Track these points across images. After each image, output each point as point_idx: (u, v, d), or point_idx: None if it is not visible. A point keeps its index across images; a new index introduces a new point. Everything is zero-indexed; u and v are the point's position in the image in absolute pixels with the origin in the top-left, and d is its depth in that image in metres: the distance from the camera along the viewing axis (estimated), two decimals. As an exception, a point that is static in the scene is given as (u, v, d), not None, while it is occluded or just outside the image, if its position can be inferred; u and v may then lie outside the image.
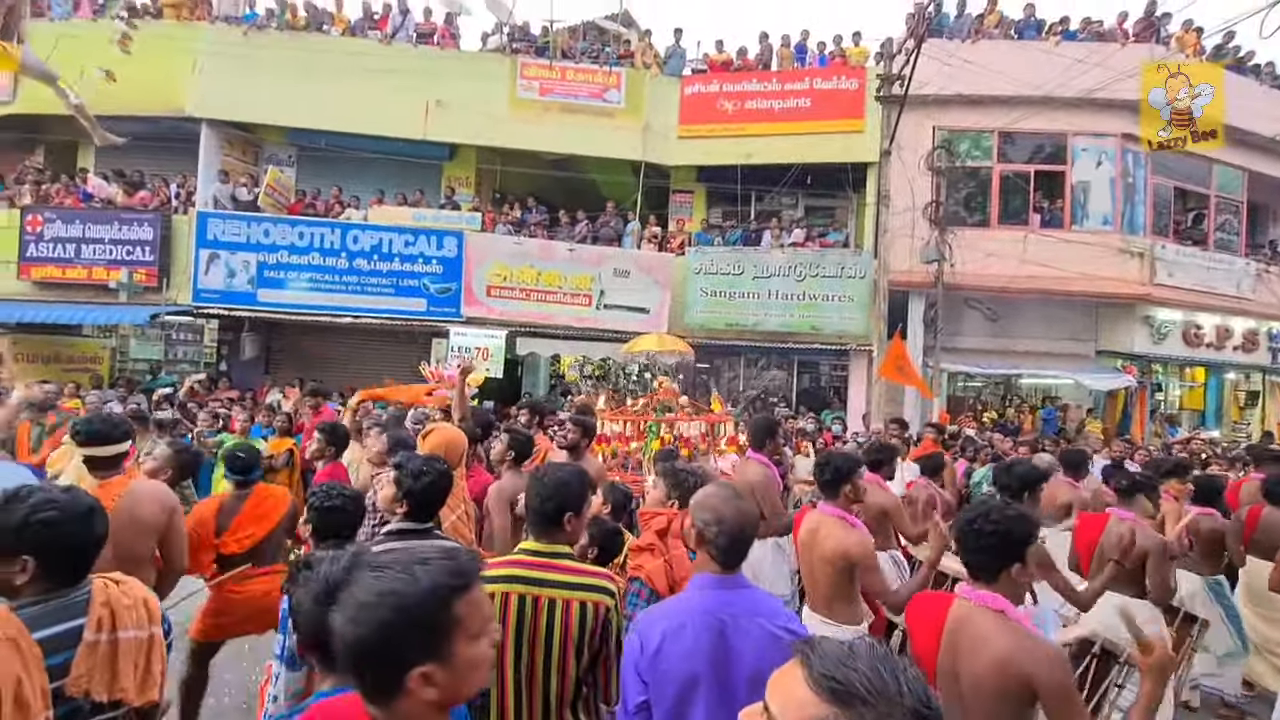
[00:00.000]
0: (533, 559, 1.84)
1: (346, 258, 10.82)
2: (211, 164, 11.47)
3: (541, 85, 11.68)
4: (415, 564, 1.02)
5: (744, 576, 1.68)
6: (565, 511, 1.87)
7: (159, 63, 11.01)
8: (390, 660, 0.97)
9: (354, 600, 0.99)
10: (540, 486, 1.89)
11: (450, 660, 0.99)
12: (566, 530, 1.88)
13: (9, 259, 10.71)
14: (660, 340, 8.44)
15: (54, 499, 1.58)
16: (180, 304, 10.81)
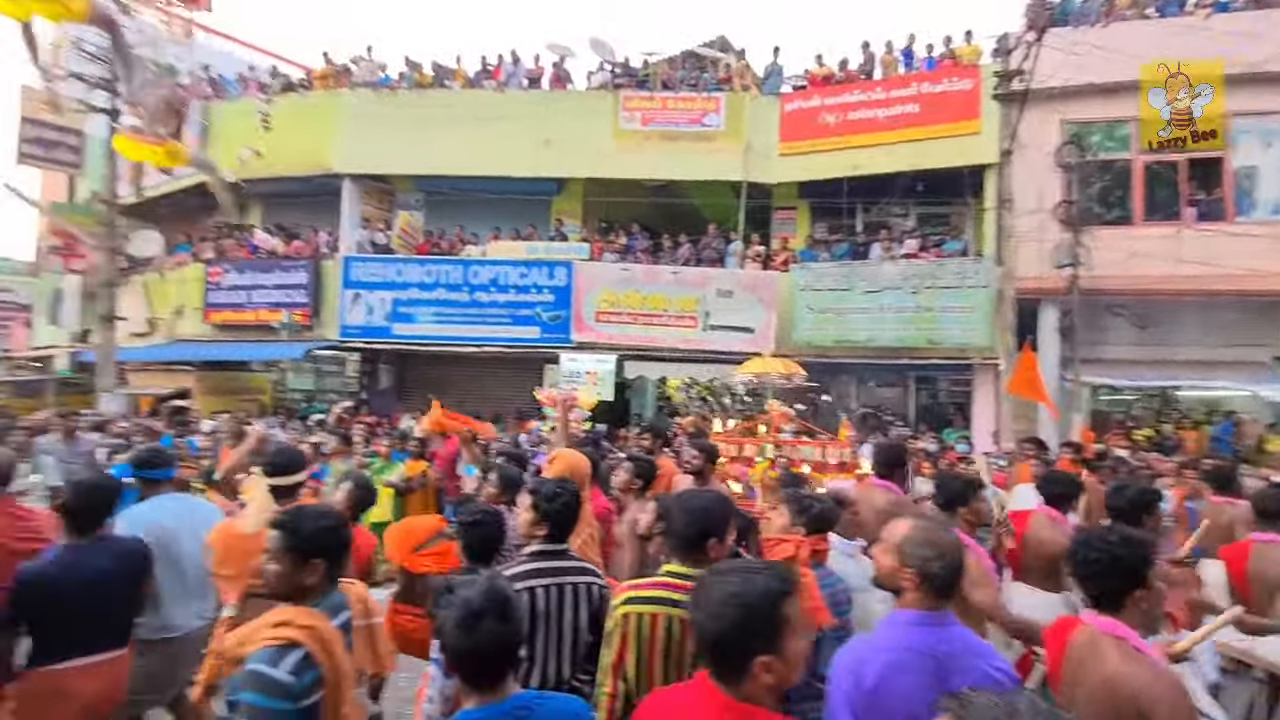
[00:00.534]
0: (678, 582, 1.83)
1: (468, 291, 11.67)
2: (353, 213, 12.83)
3: (643, 116, 12.08)
4: (752, 573, 1.29)
5: (952, 614, 1.64)
6: (709, 537, 1.87)
7: (309, 128, 12.58)
8: (738, 650, 1.24)
9: (710, 600, 1.26)
10: (683, 511, 1.91)
11: (783, 652, 1.23)
12: (710, 555, 1.87)
13: (197, 306, 12.51)
14: (771, 362, 8.31)
15: (325, 511, 1.92)
16: (329, 339, 12.10)
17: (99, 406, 9.94)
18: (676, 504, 1.99)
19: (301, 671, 1.61)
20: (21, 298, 19.48)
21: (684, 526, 1.90)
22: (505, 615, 1.39)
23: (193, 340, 12.77)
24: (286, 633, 1.64)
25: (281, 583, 1.73)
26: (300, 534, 1.74)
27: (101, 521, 2.67)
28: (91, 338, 12.70)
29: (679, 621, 1.79)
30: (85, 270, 13.78)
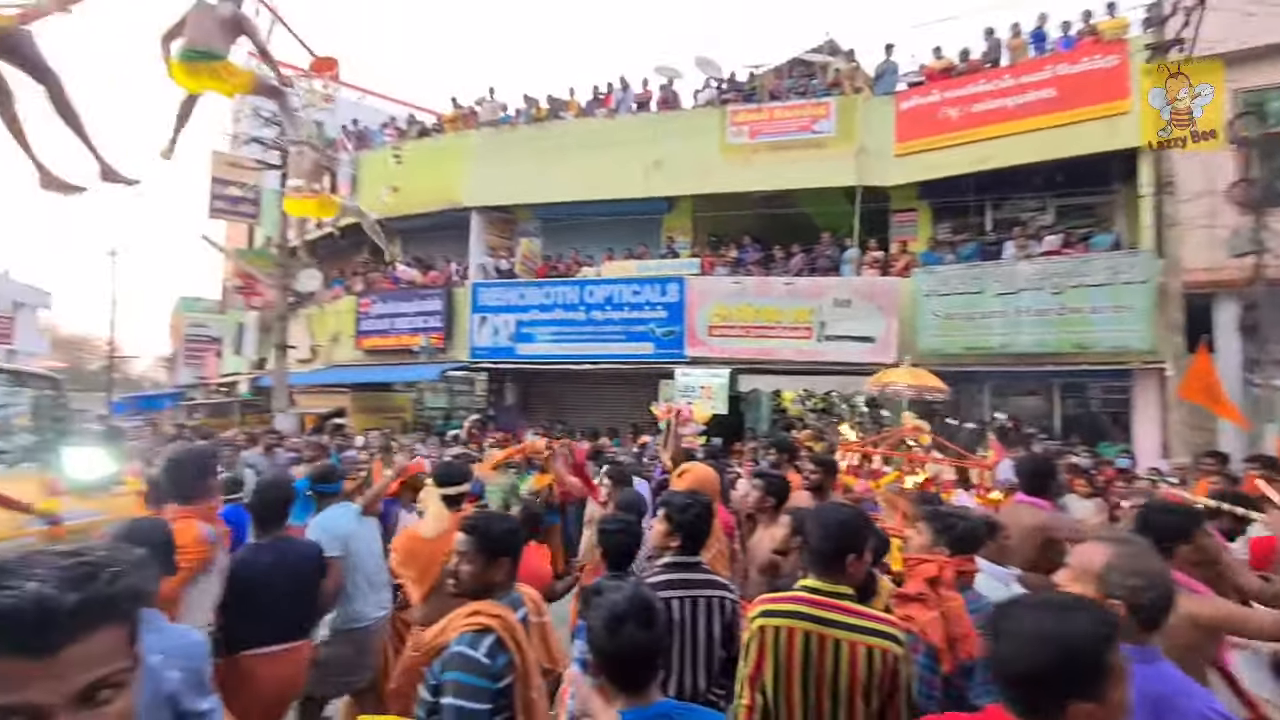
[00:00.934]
0: (815, 597, 1.83)
1: (584, 310, 12.16)
2: (480, 243, 13.83)
3: (751, 128, 12.07)
4: (1069, 610, 1.17)
5: (1159, 649, 1.52)
6: (848, 552, 1.86)
7: (441, 167, 13.75)
8: (1050, 693, 1.13)
9: (1017, 634, 1.16)
10: (821, 526, 1.91)
11: (1106, 702, 1.11)
12: (848, 571, 1.86)
13: (350, 334, 13.99)
14: (912, 374, 7.66)
15: (506, 515, 2.19)
16: (460, 360, 13.06)
17: (274, 424, 11.36)
18: (814, 519, 1.99)
19: (495, 654, 1.76)
20: (213, 331, 22.68)
21: (822, 541, 1.89)
22: (649, 622, 1.45)
23: (347, 365, 14.27)
24: (480, 619, 1.81)
25: (473, 581, 1.91)
26: (490, 535, 1.92)
27: (282, 520, 3.03)
28: (268, 365, 14.58)
29: (817, 638, 1.78)
30: (262, 306, 15.90)
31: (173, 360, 26.06)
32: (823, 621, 1.80)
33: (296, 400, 14.06)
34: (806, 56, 13.29)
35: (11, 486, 4.10)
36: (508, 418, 13.57)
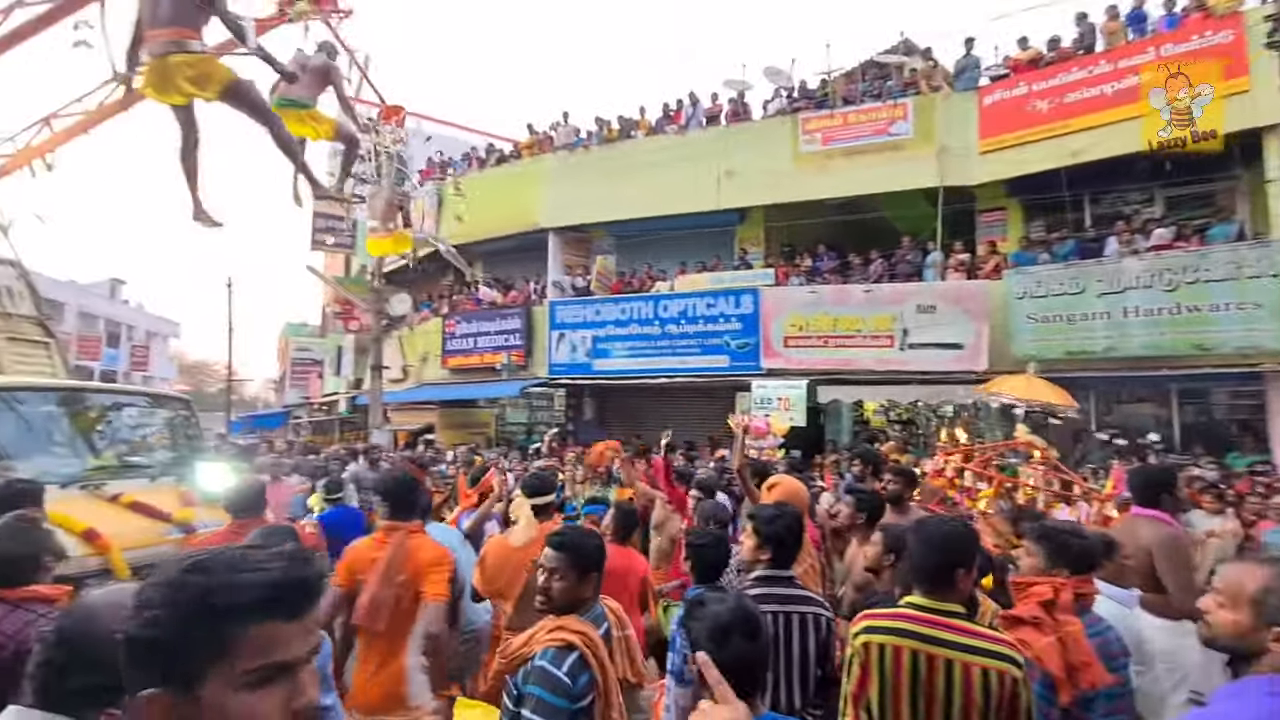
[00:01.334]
0: (922, 614, 1.76)
1: (658, 324, 12.26)
2: (556, 262, 14.24)
3: (823, 135, 11.87)
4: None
5: None
6: (956, 567, 1.77)
7: (519, 191, 14.31)
8: None
9: None
10: (926, 540, 1.84)
11: None
12: (957, 587, 1.77)
13: (437, 353, 14.71)
14: (1031, 385, 6.95)
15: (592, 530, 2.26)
16: (540, 377, 13.44)
17: (371, 440, 12.07)
18: (918, 533, 1.92)
19: (577, 674, 1.79)
20: (315, 355, 24.40)
21: (928, 555, 1.82)
22: (753, 633, 1.44)
23: (435, 383, 15.00)
24: (563, 635, 1.83)
25: (563, 597, 1.93)
26: (582, 552, 1.96)
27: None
28: (364, 384, 15.54)
29: (926, 657, 1.71)
30: (359, 330, 16.98)
31: (281, 382, 28.22)
32: (932, 640, 1.72)
33: (390, 417, 14.89)
34: (880, 58, 12.96)
35: (154, 498, 4.58)
36: (587, 431, 13.82)
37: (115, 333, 31.06)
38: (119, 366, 29.30)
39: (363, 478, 7.19)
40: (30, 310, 6.17)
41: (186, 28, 4.02)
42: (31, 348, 5.91)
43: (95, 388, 5.52)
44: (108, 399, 5.19)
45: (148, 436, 5.74)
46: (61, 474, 4.47)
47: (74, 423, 4.91)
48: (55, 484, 4.26)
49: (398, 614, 2.61)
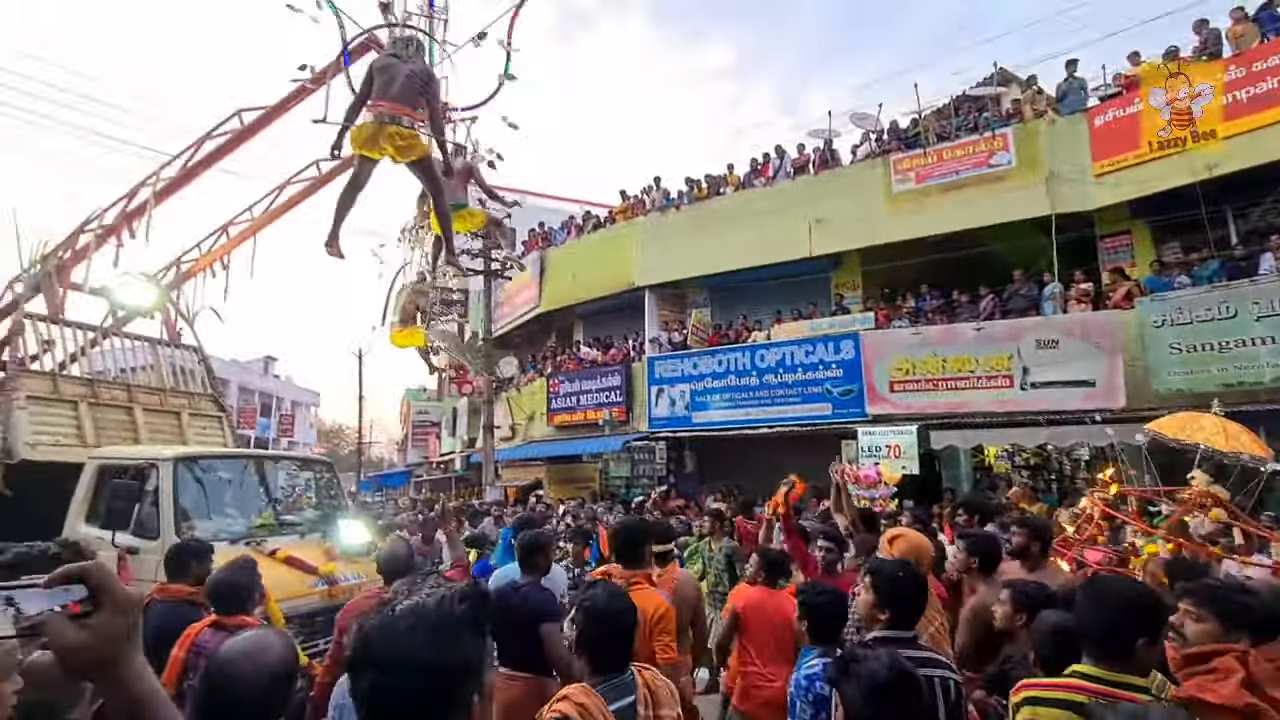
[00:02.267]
0: (1095, 686, 1.58)
1: (756, 375, 12.19)
2: (653, 319, 14.63)
3: (917, 174, 11.64)
4: None
5: None
6: (1139, 635, 1.58)
7: (614, 254, 14.98)
8: None
9: None
10: (1103, 601, 1.67)
11: None
12: (1138, 658, 1.58)
13: (542, 412, 15.37)
14: (1221, 431, 5.37)
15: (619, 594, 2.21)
16: (641, 431, 13.66)
17: (485, 497, 12.70)
18: (1092, 593, 1.74)
19: None
20: (433, 417, 26.15)
21: (1103, 620, 1.64)
22: (914, 694, 1.38)
23: (541, 440, 15.62)
24: (561, 707, 1.72)
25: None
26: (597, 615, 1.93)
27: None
28: (477, 443, 16.44)
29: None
30: (471, 392, 18.12)
31: (403, 443, 30.37)
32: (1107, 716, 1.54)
33: (501, 474, 15.60)
34: (974, 91, 12.64)
35: (303, 553, 5.11)
36: (688, 484, 13.78)
37: (267, 404, 34.97)
38: (269, 434, 32.82)
39: (489, 533, 7.61)
40: (207, 389, 7.20)
41: (408, 106, 4.97)
42: (208, 421, 6.87)
43: (259, 455, 6.29)
44: (268, 464, 5.91)
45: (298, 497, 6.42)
46: (231, 531, 5.12)
47: (241, 486, 5.62)
48: (226, 541, 4.90)
49: None
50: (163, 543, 4.69)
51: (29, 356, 5.74)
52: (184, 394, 6.78)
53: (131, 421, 6.08)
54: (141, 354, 6.83)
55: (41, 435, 5.39)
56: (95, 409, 5.82)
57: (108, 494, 4.86)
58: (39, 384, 5.52)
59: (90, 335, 6.43)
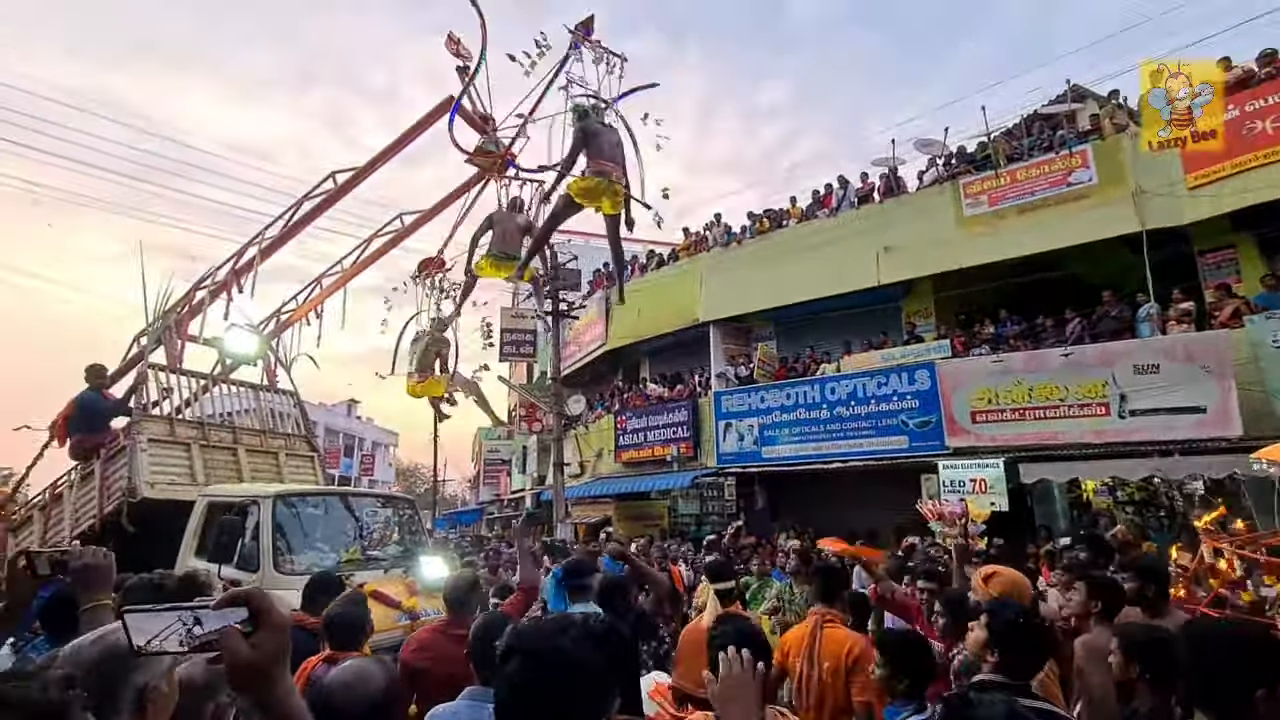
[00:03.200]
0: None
1: (827, 408, 11.89)
2: (718, 353, 14.60)
3: (989, 197, 11.29)
4: None
5: None
6: (1258, 685, 1.44)
7: (678, 290, 15.13)
8: None
9: None
10: (1206, 647, 1.54)
11: None
12: (1258, 711, 1.46)
13: (610, 448, 15.48)
14: None
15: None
16: (709, 467, 13.52)
17: (556, 534, 12.81)
18: (1194, 639, 1.60)
19: None
20: (504, 455, 26.77)
21: (1209, 669, 1.52)
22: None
23: (609, 477, 15.69)
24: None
25: None
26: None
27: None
28: (547, 480, 16.69)
29: None
30: (541, 430, 18.49)
31: (475, 481, 31.15)
32: None
33: (570, 511, 15.72)
34: (1046, 110, 12.23)
35: (388, 587, 5.30)
36: (758, 522, 13.46)
37: (350, 444, 36.78)
38: (352, 472, 34.43)
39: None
40: (300, 430, 7.69)
41: (620, 167, 5.78)
42: (302, 460, 7.31)
43: (348, 492, 6.62)
44: (355, 501, 6.21)
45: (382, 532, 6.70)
46: (322, 566, 5.38)
47: (330, 522, 5.93)
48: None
49: (828, 704, 2.73)
50: (261, 576, 4.99)
51: (150, 403, 6.32)
52: (281, 435, 7.27)
53: (236, 461, 6.55)
54: (244, 399, 7.39)
55: (159, 475, 5.89)
56: (205, 450, 6.32)
57: (215, 529, 5.23)
58: (158, 428, 6.06)
59: (202, 382, 7.03)
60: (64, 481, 6.53)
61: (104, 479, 5.96)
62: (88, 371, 6.50)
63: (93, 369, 6.52)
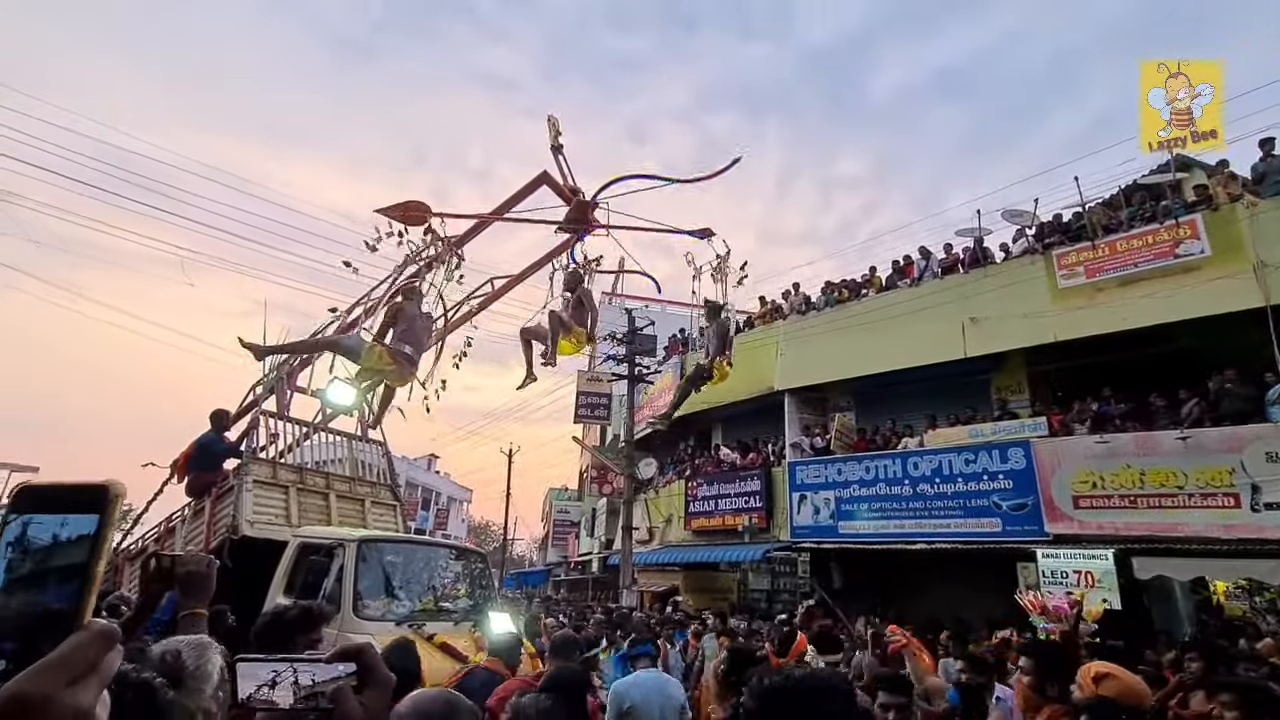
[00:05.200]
0: None
1: (909, 485, 11.29)
2: (793, 422, 14.29)
3: (1086, 268, 10.77)
4: None
5: None
6: None
7: (753, 357, 15.04)
8: None
9: None
10: None
11: None
12: None
13: (680, 515, 15.22)
14: None
15: None
16: (782, 541, 13.00)
17: (622, 600, 12.56)
18: None
19: None
20: (573, 517, 26.80)
21: None
22: None
23: (678, 545, 15.35)
24: None
25: None
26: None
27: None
28: (614, 544, 16.52)
29: None
30: (611, 492, 18.46)
31: (544, 541, 31.20)
32: None
33: (637, 578, 15.41)
34: (1146, 180, 11.69)
35: (456, 640, 5.36)
36: (834, 601, 12.69)
37: (428, 498, 37.88)
38: (428, 525, 35.29)
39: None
40: (385, 480, 8.06)
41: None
42: (385, 509, 7.64)
43: (426, 541, 6.84)
44: (431, 552, 6.40)
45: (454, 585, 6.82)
46: (396, 613, 5.53)
47: (407, 570, 6.11)
48: (392, 621, 5.31)
49: None
50: (341, 619, 5.17)
51: (259, 447, 6.85)
52: (368, 483, 7.65)
53: (326, 506, 6.93)
54: (338, 447, 7.86)
55: (260, 514, 6.31)
56: (301, 493, 6.73)
57: (304, 569, 5.51)
58: (263, 470, 6.54)
59: (303, 430, 7.57)
60: (178, 516, 7.10)
61: (212, 515, 6.45)
62: (212, 416, 7.16)
63: (216, 414, 7.18)
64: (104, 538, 0.48)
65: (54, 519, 0.47)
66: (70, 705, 0.42)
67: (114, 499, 0.49)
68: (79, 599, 0.46)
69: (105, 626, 0.45)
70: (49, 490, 0.49)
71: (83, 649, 0.44)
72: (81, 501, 0.48)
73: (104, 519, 0.48)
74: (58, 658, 0.42)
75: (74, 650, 0.43)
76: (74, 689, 0.43)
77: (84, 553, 0.46)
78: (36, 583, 0.46)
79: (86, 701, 0.43)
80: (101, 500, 0.48)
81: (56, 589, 0.46)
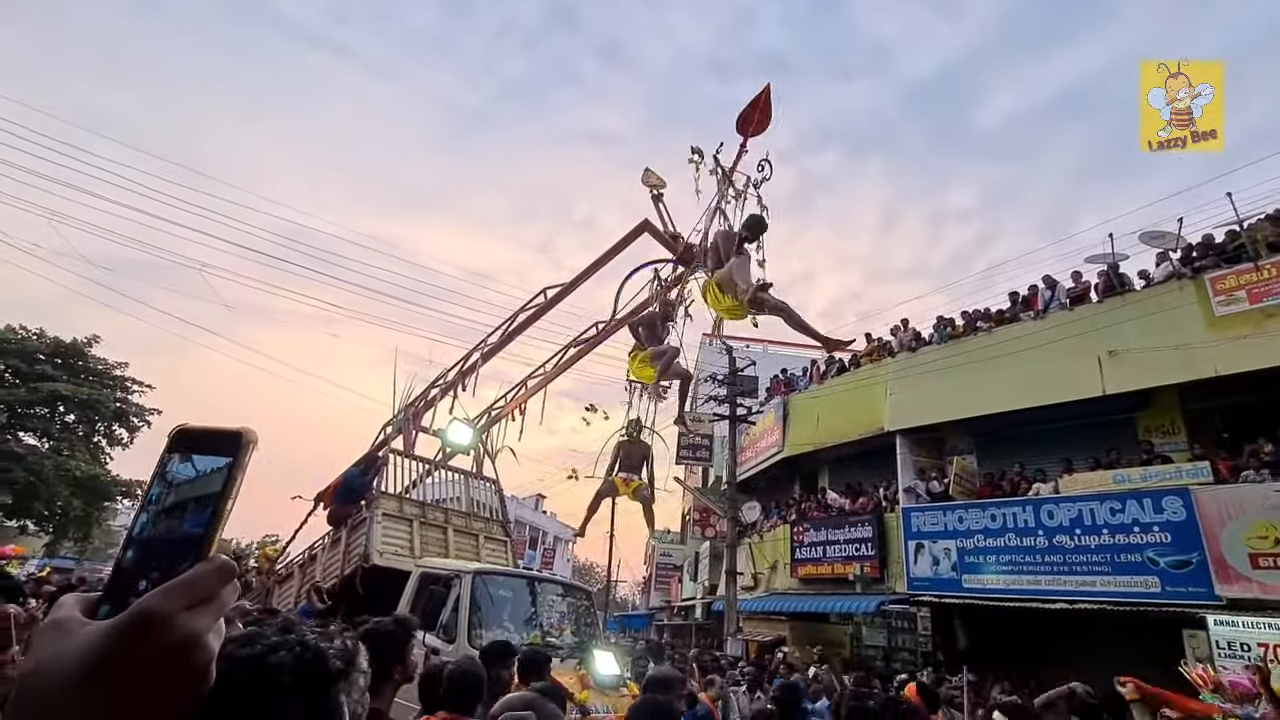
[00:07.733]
0: None
1: (1044, 535, 10.28)
2: (907, 465, 13.49)
3: (1249, 293, 9.57)
4: None
5: None
6: None
7: (862, 398, 14.48)
8: None
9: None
10: None
11: None
12: None
13: (786, 561, 14.66)
14: None
15: None
16: (899, 593, 12.15)
17: (727, 649, 12.19)
18: None
19: None
20: (676, 560, 26.48)
21: None
22: None
23: (784, 593, 14.74)
24: None
25: None
26: None
27: None
28: (718, 590, 16.13)
29: None
30: (714, 536, 18.15)
31: (646, 584, 30.96)
32: None
33: (742, 626, 14.90)
34: (1320, 191, 10.30)
35: (562, 677, 5.46)
36: (958, 664, 11.59)
37: (535, 537, 38.93)
38: (534, 564, 36.17)
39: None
40: (498, 516, 8.48)
41: None
42: (497, 544, 8.01)
43: (535, 576, 7.08)
44: (540, 588, 6.61)
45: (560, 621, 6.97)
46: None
47: (517, 604, 6.34)
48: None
49: None
50: (458, 647, 5.44)
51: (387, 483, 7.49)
52: (482, 519, 8.08)
53: (444, 539, 7.39)
54: (455, 485, 8.39)
55: (387, 545, 6.83)
56: (423, 527, 7.23)
57: (424, 598, 5.88)
58: (391, 504, 7.11)
59: (426, 467, 8.17)
60: (319, 545, 7.83)
61: (348, 545, 7.06)
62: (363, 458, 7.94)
63: (368, 456, 7.95)
64: (234, 478, 0.53)
65: (198, 458, 0.53)
66: (187, 627, 0.46)
67: (246, 444, 0.54)
68: (209, 527, 0.51)
69: (225, 561, 0.50)
70: (198, 433, 0.55)
71: (205, 578, 0.48)
72: (223, 444, 0.54)
73: (236, 460, 0.53)
74: (182, 582, 0.47)
75: (197, 578, 0.48)
76: (193, 613, 0.47)
77: (217, 489, 0.52)
78: (177, 513, 0.52)
79: (201, 625, 0.47)
80: (236, 444, 0.53)
81: (192, 517, 0.51)
